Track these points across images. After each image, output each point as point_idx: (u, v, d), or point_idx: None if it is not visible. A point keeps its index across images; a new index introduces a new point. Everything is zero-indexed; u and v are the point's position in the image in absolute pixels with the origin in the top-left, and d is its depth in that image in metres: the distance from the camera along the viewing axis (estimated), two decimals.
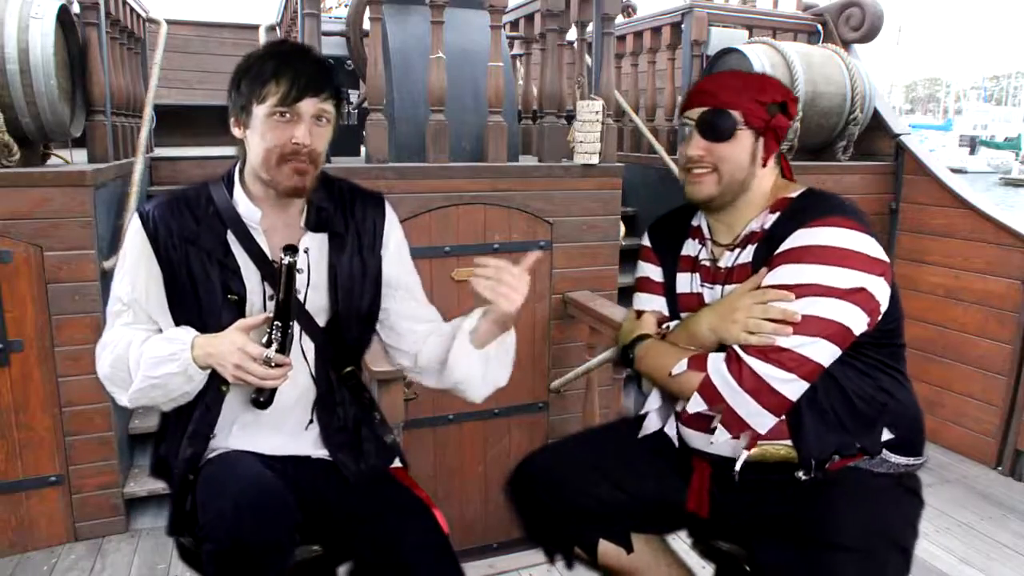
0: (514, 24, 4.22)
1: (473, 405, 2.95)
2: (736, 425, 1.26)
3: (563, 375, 3.05)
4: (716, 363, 1.27)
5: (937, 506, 2.80)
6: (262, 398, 1.30)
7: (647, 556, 1.48)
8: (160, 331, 1.35)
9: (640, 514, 1.45)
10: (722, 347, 1.30)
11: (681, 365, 1.31)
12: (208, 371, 1.29)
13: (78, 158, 2.76)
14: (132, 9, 3.41)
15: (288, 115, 1.28)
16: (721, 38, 3.84)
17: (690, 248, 1.48)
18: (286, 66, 1.28)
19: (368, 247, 1.46)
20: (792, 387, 1.22)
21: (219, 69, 5.39)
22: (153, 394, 1.30)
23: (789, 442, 1.29)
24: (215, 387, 1.33)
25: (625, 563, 1.46)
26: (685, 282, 1.46)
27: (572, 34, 3.45)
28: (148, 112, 3.22)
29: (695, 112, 1.37)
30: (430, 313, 1.58)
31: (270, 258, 1.36)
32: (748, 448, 1.28)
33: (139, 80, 3.54)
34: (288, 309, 1.28)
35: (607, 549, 1.45)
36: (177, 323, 1.35)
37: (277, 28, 4.38)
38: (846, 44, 3.94)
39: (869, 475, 1.28)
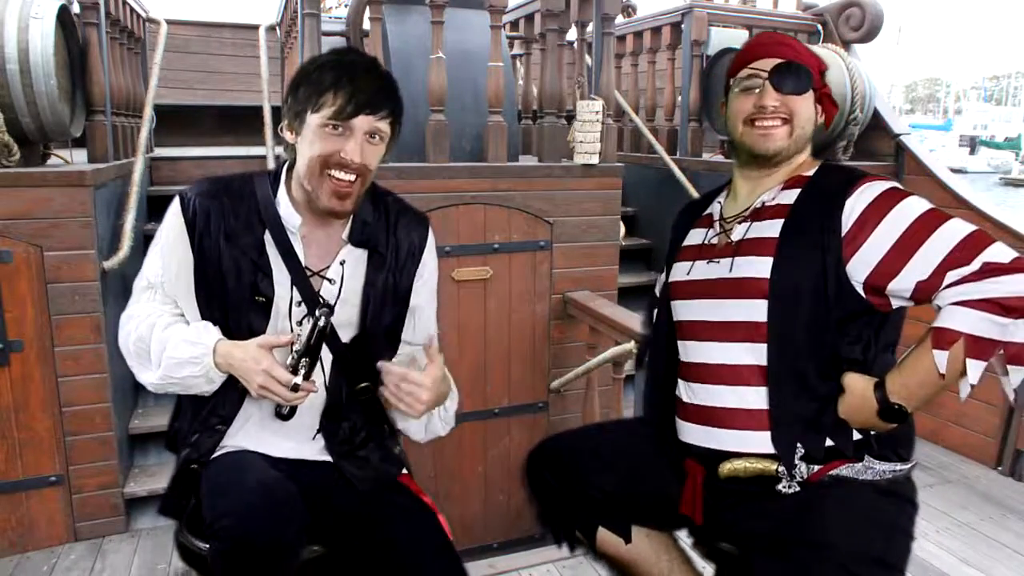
0: (514, 24, 4.21)
1: (473, 405, 3.00)
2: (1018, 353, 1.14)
3: (563, 375, 3.05)
4: (967, 317, 1.13)
5: (937, 506, 2.80)
6: (285, 411, 1.31)
7: (646, 549, 1.48)
8: (182, 316, 1.36)
9: (641, 508, 1.45)
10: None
11: (940, 357, 1.15)
12: (227, 374, 1.30)
13: (78, 158, 2.76)
14: (132, 9, 3.41)
15: (341, 129, 1.26)
16: (721, 38, 3.84)
17: (694, 236, 1.47)
18: (346, 79, 1.25)
19: (403, 268, 1.44)
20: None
21: (219, 69, 5.40)
22: (173, 388, 1.33)
23: (764, 452, 1.27)
24: (237, 384, 1.32)
25: (623, 552, 1.47)
26: (681, 270, 1.44)
27: (572, 34, 3.45)
28: (148, 112, 3.22)
29: (767, 63, 1.32)
30: (423, 335, 1.53)
31: (304, 265, 1.35)
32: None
33: (139, 80, 3.54)
34: (318, 350, 1.28)
35: (606, 537, 1.46)
36: (202, 313, 1.34)
37: (277, 28, 4.38)
38: (846, 44, 3.94)
39: (854, 485, 1.24)
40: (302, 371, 1.25)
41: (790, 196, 1.34)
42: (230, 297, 1.33)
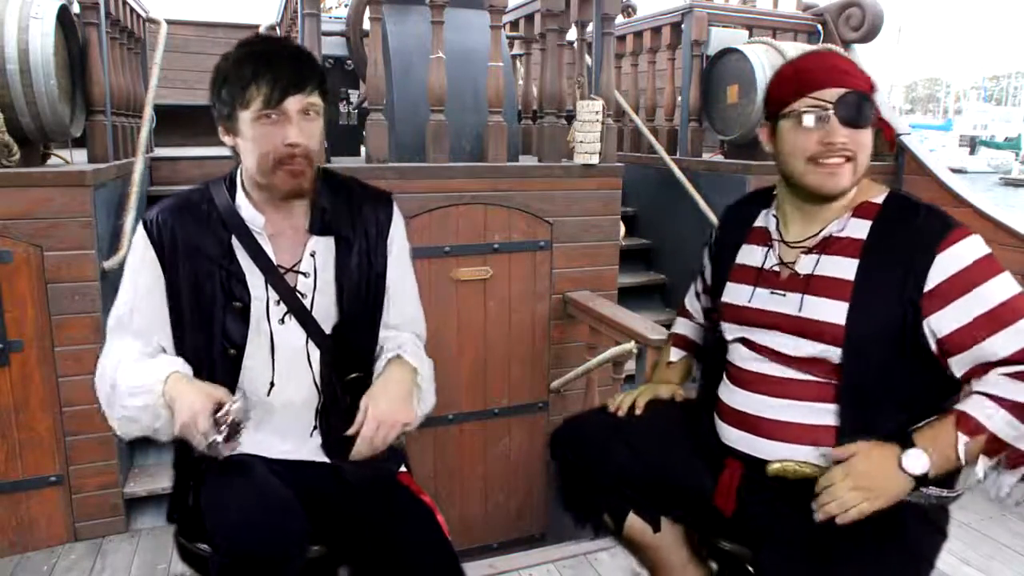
0: (514, 24, 4.21)
1: (473, 405, 3.00)
2: (1021, 460, 1.17)
3: (563, 375, 3.05)
4: (996, 416, 1.14)
5: None
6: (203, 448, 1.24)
7: (670, 540, 1.47)
8: (151, 354, 1.34)
9: (670, 498, 1.43)
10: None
11: (961, 439, 1.14)
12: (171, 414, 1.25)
13: (78, 158, 2.76)
14: (132, 9, 3.41)
15: (275, 116, 1.25)
16: (721, 38, 3.84)
17: (747, 256, 1.39)
18: (264, 67, 1.24)
19: (374, 248, 1.44)
20: None
21: None
22: (130, 428, 1.29)
23: (816, 461, 1.24)
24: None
25: (649, 540, 1.45)
26: (740, 294, 1.37)
27: (572, 34, 3.45)
28: (148, 112, 3.22)
29: (831, 93, 1.21)
30: (401, 317, 1.53)
31: (275, 263, 1.35)
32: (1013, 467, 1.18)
33: (139, 80, 3.54)
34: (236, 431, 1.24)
35: (634, 523, 1.44)
36: (179, 330, 1.34)
37: (277, 28, 4.38)
38: (846, 44, 3.94)
39: (895, 506, 1.19)
40: (222, 435, 1.21)
41: (861, 228, 1.26)
42: (206, 308, 1.32)
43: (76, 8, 2.68)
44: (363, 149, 2.90)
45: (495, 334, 2.99)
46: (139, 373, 1.28)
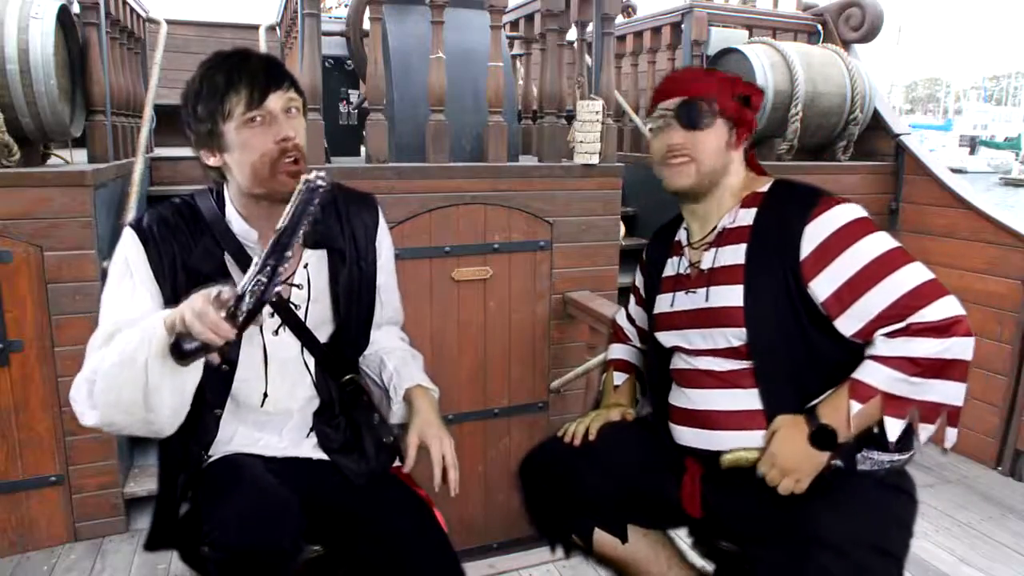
0: (514, 24, 4.21)
1: (473, 405, 2.99)
2: (934, 412, 1.22)
3: (563, 375, 3.04)
4: (880, 375, 1.22)
5: (937, 506, 2.80)
6: (189, 346, 1.10)
7: (644, 548, 1.48)
8: None
9: (636, 507, 1.46)
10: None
11: (855, 408, 1.22)
12: (171, 336, 1.11)
13: (78, 158, 2.76)
14: (132, 9, 3.41)
15: (260, 117, 1.23)
16: (721, 38, 3.84)
17: (670, 267, 1.50)
18: (236, 73, 1.23)
19: (364, 255, 1.45)
20: (952, 342, 1.19)
21: None
22: (115, 397, 1.15)
23: (761, 445, 1.29)
24: (210, 407, 1.33)
25: (620, 553, 1.47)
26: (665, 302, 1.48)
27: (572, 34, 3.45)
28: (148, 112, 3.22)
29: (671, 102, 1.38)
30: (390, 313, 1.58)
31: None
32: (955, 423, 1.23)
33: (139, 80, 3.54)
34: (286, 248, 1.11)
35: (602, 538, 1.46)
36: None
37: (277, 28, 4.38)
38: (846, 44, 3.94)
39: (851, 478, 1.26)
40: (246, 305, 1.08)
41: (748, 216, 1.37)
42: None
43: (76, 8, 2.68)
44: (363, 149, 2.90)
45: (495, 334, 2.99)
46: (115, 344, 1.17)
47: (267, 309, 1.14)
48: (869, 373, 1.22)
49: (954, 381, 1.20)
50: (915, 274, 1.22)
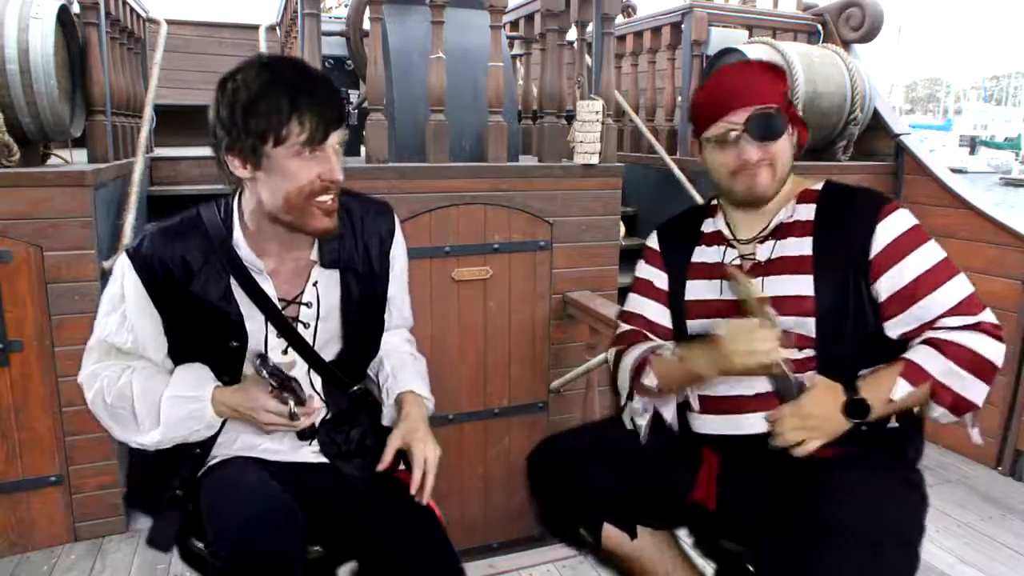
0: (514, 24, 4.21)
1: (473, 405, 3.00)
2: (966, 408, 1.25)
3: (563, 375, 3.05)
4: (938, 362, 1.23)
5: (937, 506, 2.80)
6: (305, 433, 1.34)
7: (651, 546, 1.48)
8: (151, 365, 1.33)
9: (646, 503, 1.45)
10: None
11: (903, 388, 1.23)
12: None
13: (78, 158, 2.76)
14: (132, 9, 3.41)
15: (314, 153, 1.18)
16: (721, 38, 3.84)
17: (705, 255, 1.46)
18: (305, 99, 1.15)
19: (377, 267, 1.41)
20: (999, 349, 1.25)
21: (219, 69, 5.32)
22: (172, 435, 1.31)
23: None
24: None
25: (628, 549, 1.46)
26: (701, 289, 1.44)
27: (572, 34, 3.45)
28: (148, 112, 3.22)
29: (740, 115, 1.33)
30: (399, 318, 1.57)
31: (276, 298, 1.32)
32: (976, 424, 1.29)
33: (139, 80, 3.54)
34: (288, 382, 1.28)
35: (611, 533, 1.45)
36: (175, 361, 1.34)
37: (277, 28, 4.39)
38: (846, 44, 3.94)
39: (868, 467, 1.26)
40: (291, 400, 1.27)
41: (808, 212, 1.38)
42: (203, 347, 1.31)
43: (76, 8, 2.68)
44: (363, 149, 2.89)
45: (495, 334, 2.99)
46: (178, 396, 1.28)
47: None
48: (926, 359, 1.23)
49: (987, 385, 1.24)
50: (967, 283, 1.29)
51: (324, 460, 1.42)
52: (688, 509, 1.43)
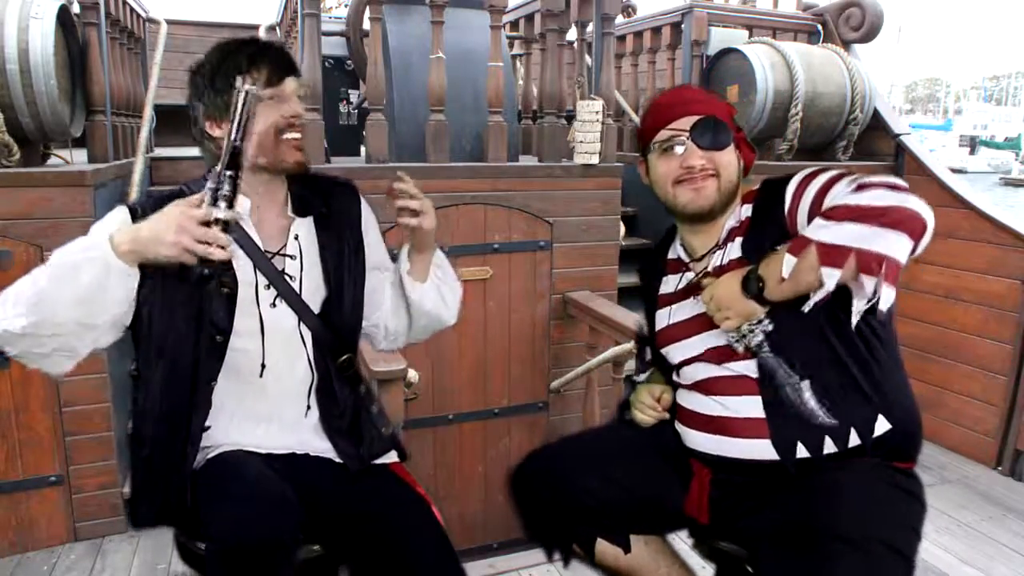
0: (514, 24, 4.22)
1: (473, 405, 3.00)
2: (876, 263, 1.13)
3: (563, 375, 3.05)
4: (815, 226, 1.18)
5: (937, 506, 2.80)
6: (207, 270, 1.15)
7: (645, 557, 1.47)
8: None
9: (639, 515, 1.45)
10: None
11: (788, 262, 1.19)
12: (134, 267, 1.20)
13: (78, 158, 2.76)
14: (132, 9, 3.41)
15: (276, 96, 1.33)
16: (721, 38, 3.84)
17: (668, 284, 1.49)
18: (259, 53, 1.34)
19: (351, 233, 1.49)
20: (900, 196, 1.14)
21: None
22: (54, 295, 1.17)
23: (769, 459, 1.28)
24: (201, 390, 1.33)
25: (623, 563, 1.46)
26: (664, 316, 1.47)
27: (572, 34, 3.46)
28: (148, 112, 3.22)
29: (686, 121, 1.34)
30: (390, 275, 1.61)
31: (262, 249, 1.38)
32: (892, 281, 1.14)
33: (139, 80, 3.54)
34: (240, 154, 1.15)
35: (605, 548, 1.45)
36: (161, 318, 1.30)
37: (277, 28, 4.38)
38: (846, 44, 3.94)
39: (864, 473, 1.24)
40: (223, 200, 1.12)
41: (748, 211, 1.37)
42: (192, 294, 1.31)
43: (76, 8, 2.68)
44: (363, 149, 2.90)
45: (495, 334, 2.99)
46: (72, 248, 1.22)
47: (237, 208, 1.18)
48: (812, 231, 1.19)
49: (896, 231, 1.12)
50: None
51: (320, 447, 1.43)
52: (681, 520, 1.43)
